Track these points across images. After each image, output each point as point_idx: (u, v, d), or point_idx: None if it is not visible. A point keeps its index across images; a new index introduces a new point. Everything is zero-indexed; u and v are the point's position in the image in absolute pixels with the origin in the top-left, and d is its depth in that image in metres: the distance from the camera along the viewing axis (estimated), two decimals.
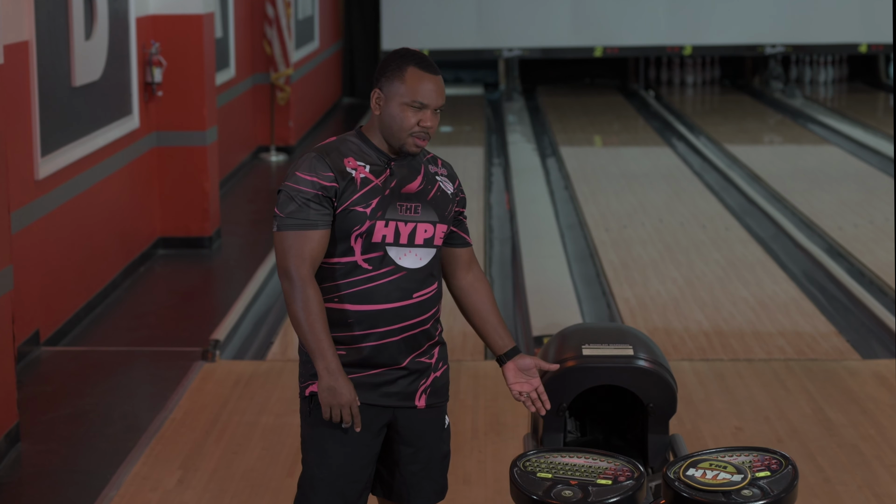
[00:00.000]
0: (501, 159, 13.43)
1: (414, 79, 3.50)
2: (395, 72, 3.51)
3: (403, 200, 3.54)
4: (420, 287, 3.56)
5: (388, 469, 3.71)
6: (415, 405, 3.63)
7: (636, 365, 3.90)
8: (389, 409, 3.61)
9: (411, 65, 3.51)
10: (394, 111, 3.51)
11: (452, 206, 3.64)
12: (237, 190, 11.66)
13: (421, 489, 3.71)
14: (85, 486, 5.31)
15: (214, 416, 5.95)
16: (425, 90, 3.50)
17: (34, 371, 6.62)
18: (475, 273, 3.74)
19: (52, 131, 7.07)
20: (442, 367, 3.70)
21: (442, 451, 3.74)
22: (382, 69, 3.55)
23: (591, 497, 3.18)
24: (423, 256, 3.56)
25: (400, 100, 3.50)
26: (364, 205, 3.49)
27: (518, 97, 18.42)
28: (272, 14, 12.79)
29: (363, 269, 3.52)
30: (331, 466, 3.59)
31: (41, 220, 6.94)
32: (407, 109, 3.50)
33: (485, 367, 6.62)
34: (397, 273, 3.53)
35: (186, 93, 9.09)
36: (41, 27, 6.88)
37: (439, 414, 3.72)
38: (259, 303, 7.92)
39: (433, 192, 3.59)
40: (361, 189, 3.50)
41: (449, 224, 3.62)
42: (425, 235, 3.56)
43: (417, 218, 3.54)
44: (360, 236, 3.50)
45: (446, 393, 3.73)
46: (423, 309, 3.58)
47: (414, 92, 3.49)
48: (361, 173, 3.51)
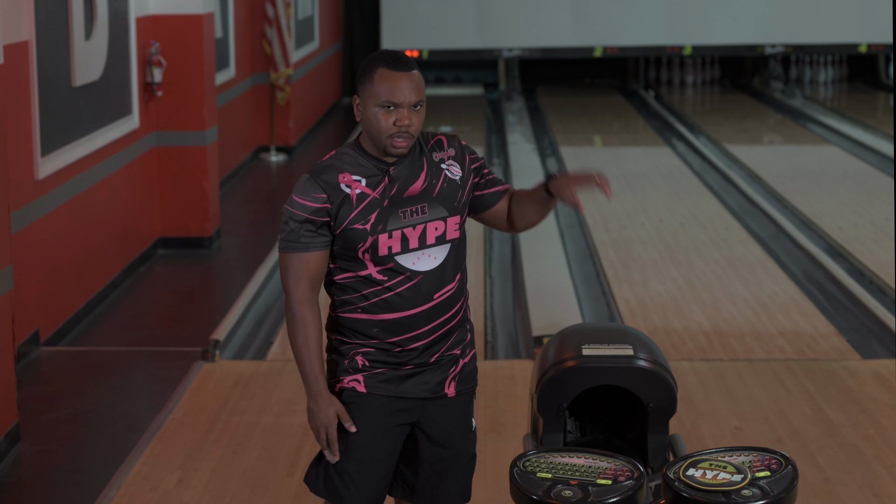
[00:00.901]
0: (501, 159, 13.43)
1: (383, 79, 3.47)
2: (367, 75, 3.50)
3: (407, 205, 3.52)
4: (439, 287, 3.54)
5: (412, 469, 3.69)
6: (444, 394, 3.62)
7: (636, 365, 3.90)
8: (418, 401, 3.60)
9: (380, 66, 3.48)
10: (370, 115, 3.49)
11: (464, 191, 3.59)
12: (237, 190, 11.66)
13: (445, 490, 3.69)
14: (85, 486, 5.31)
15: (214, 416, 5.95)
16: (395, 89, 3.46)
17: (34, 371, 6.62)
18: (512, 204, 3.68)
19: (52, 131, 7.07)
20: (470, 353, 3.69)
21: (469, 453, 3.72)
22: (358, 75, 3.54)
23: (591, 497, 3.18)
24: (437, 255, 3.54)
25: (374, 102, 3.47)
26: (363, 221, 3.48)
27: (518, 97, 18.42)
28: (272, 14, 12.79)
29: (378, 280, 3.52)
30: (352, 452, 3.58)
31: (41, 220, 6.94)
32: (381, 111, 3.47)
33: (485, 367, 6.62)
34: (413, 279, 3.52)
35: (186, 93, 9.09)
36: (41, 27, 6.88)
37: (466, 408, 3.69)
38: (259, 303, 7.92)
39: (439, 185, 3.56)
40: (358, 206, 3.48)
41: (462, 212, 3.58)
42: (436, 233, 3.53)
43: (426, 218, 3.52)
44: (366, 251, 3.50)
45: (475, 378, 3.72)
46: (446, 308, 3.57)
47: (384, 92, 3.46)
48: (357, 188, 3.50)
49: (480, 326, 7.43)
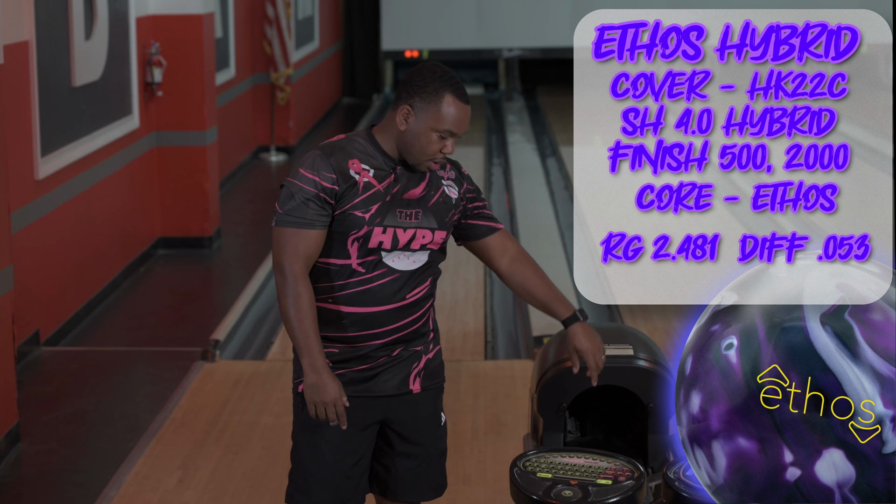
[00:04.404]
0: (501, 159, 13.43)
1: (450, 107, 3.45)
2: (432, 95, 3.45)
3: (404, 206, 3.52)
4: (412, 287, 3.56)
5: (384, 465, 3.71)
6: (409, 390, 3.63)
7: (636, 365, 3.90)
8: (384, 399, 3.61)
9: (449, 91, 3.46)
10: (420, 133, 3.47)
11: (455, 212, 3.62)
12: (237, 190, 11.66)
13: (416, 486, 3.71)
14: (85, 486, 5.31)
15: (214, 416, 5.95)
16: (460, 122, 3.47)
17: (34, 371, 6.62)
18: (511, 254, 3.72)
19: (52, 131, 7.07)
20: (434, 349, 3.71)
21: (439, 448, 3.74)
22: (418, 87, 3.47)
23: (591, 497, 3.18)
24: (416, 260, 3.56)
25: (430, 124, 3.45)
26: (363, 210, 3.48)
27: (518, 97, 18.42)
28: (272, 14, 12.79)
29: (357, 272, 3.51)
30: (324, 463, 3.59)
31: (41, 220, 6.94)
32: (434, 135, 3.46)
33: (485, 367, 6.63)
34: (390, 275, 3.53)
35: (186, 93, 9.09)
36: (41, 27, 6.88)
37: (435, 403, 3.72)
38: (259, 303, 7.92)
39: (435, 197, 3.57)
40: (363, 194, 3.48)
41: (448, 230, 3.61)
42: (423, 241, 3.55)
43: (417, 224, 3.53)
44: (356, 240, 3.49)
45: (441, 373, 3.73)
46: (415, 308, 3.59)
47: (449, 121, 3.45)
48: (365, 177, 3.49)
49: (480, 326, 7.43)
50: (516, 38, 18.07)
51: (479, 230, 3.70)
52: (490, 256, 3.72)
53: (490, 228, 3.71)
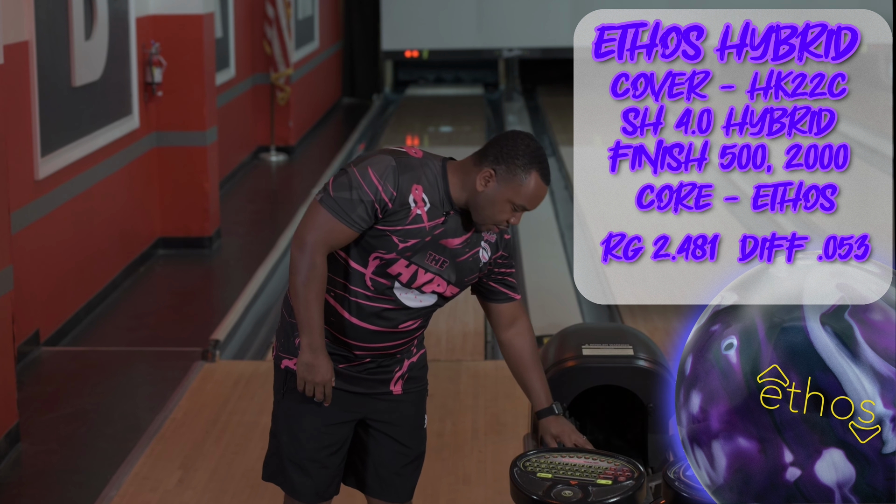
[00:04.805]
0: None
1: (533, 185, 3.44)
2: (520, 168, 3.43)
3: (437, 251, 3.51)
4: (408, 319, 3.59)
5: (362, 461, 3.76)
6: (389, 390, 3.66)
7: (636, 365, 3.90)
8: (363, 397, 3.64)
9: (536, 170, 3.44)
10: (496, 199, 3.45)
11: (477, 275, 3.61)
12: (237, 190, 11.66)
13: (392, 484, 3.76)
14: (85, 486, 5.31)
15: (214, 416, 5.95)
16: (537, 199, 3.47)
17: (34, 371, 6.62)
18: (517, 328, 3.75)
19: (52, 131, 7.07)
20: (418, 353, 3.73)
21: (418, 450, 3.78)
22: (507, 155, 3.45)
23: (591, 497, 3.18)
24: (423, 300, 3.57)
25: (509, 195, 3.44)
26: (401, 239, 3.46)
27: (518, 97, 18.41)
28: (272, 14, 12.79)
29: (365, 285, 3.52)
30: (301, 444, 3.63)
31: (41, 220, 6.94)
32: (509, 205, 3.45)
33: (485, 367, 6.63)
34: (394, 305, 3.55)
35: (186, 93, 9.09)
36: (41, 27, 6.88)
37: (418, 406, 3.75)
38: (259, 303, 7.93)
39: (467, 255, 3.56)
40: (409, 224, 3.46)
41: (462, 289, 3.62)
42: (436, 288, 3.55)
43: (438, 271, 3.52)
44: (379, 259, 3.48)
45: (424, 378, 3.76)
46: (406, 335, 3.63)
47: (528, 198, 3.45)
48: (419, 209, 3.46)
49: (480, 326, 7.43)
50: (516, 38, 18.07)
51: (497, 295, 3.72)
52: (497, 322, 3.75)
53: (508, 297, 3.73)
